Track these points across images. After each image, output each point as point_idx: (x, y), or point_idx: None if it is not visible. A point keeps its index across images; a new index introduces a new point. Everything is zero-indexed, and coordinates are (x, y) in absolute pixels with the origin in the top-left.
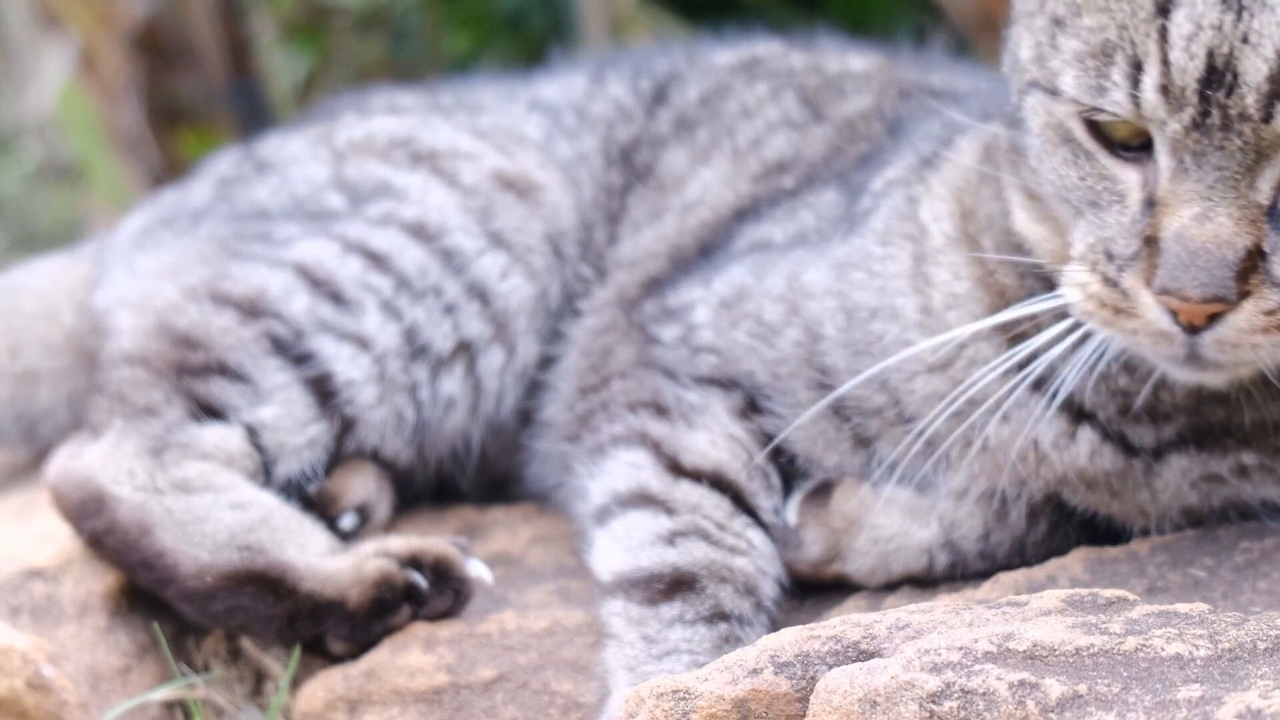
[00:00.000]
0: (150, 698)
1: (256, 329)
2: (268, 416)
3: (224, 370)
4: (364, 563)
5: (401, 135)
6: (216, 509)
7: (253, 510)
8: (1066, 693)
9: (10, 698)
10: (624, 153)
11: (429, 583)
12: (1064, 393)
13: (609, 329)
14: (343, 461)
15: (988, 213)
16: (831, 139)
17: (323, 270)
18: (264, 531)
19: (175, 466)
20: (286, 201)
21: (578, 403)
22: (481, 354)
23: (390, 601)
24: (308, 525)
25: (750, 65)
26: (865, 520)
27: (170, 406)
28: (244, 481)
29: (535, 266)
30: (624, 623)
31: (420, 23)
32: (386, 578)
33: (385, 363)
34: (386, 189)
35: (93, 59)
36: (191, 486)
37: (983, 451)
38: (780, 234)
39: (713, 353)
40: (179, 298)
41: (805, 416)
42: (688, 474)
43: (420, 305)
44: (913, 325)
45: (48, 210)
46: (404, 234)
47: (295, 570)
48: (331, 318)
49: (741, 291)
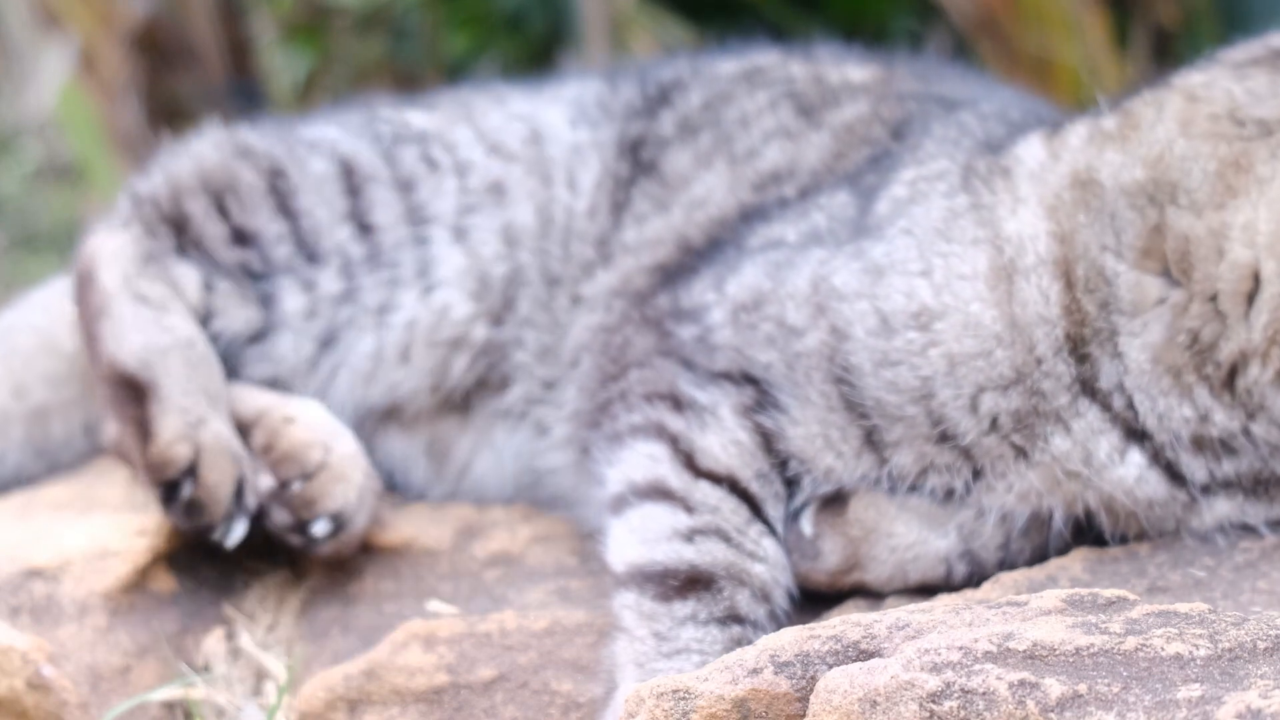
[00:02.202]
0: (150, 698)
1: (240, 255)
2: (222, 287)
3: (204, 250)
4: (200, 430)
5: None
6: (148, 324)
7: (169, 336)
8: (1066, 692)
9: (10, 698)
10: (633, 146)
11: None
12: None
13: (623, 323)
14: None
15: (1084, 241)
16: (831, 145)
17: (314, 235)
18: (159, 356)
19: (148, 280)
20: (332, 128)
21: (598, 391)
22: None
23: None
24: (205, 365)
25: (752, 75)
26: (883, 529)
27: (165, 238)
28: (184, 313)
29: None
30: (635, 617)
31: (420, 23)
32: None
33: (320, 302)
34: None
35: (93, 59)
36: (147, 300)
37: (1034, 467)
38: (793, 233)
39: (730, 348)
40: (192, 179)
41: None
42: (705, 475)
43: (372, 275)
44: (991, 337)
45: (48, 210)
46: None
47: (158, 396)
48: (300, 267)
49: (760, 295)
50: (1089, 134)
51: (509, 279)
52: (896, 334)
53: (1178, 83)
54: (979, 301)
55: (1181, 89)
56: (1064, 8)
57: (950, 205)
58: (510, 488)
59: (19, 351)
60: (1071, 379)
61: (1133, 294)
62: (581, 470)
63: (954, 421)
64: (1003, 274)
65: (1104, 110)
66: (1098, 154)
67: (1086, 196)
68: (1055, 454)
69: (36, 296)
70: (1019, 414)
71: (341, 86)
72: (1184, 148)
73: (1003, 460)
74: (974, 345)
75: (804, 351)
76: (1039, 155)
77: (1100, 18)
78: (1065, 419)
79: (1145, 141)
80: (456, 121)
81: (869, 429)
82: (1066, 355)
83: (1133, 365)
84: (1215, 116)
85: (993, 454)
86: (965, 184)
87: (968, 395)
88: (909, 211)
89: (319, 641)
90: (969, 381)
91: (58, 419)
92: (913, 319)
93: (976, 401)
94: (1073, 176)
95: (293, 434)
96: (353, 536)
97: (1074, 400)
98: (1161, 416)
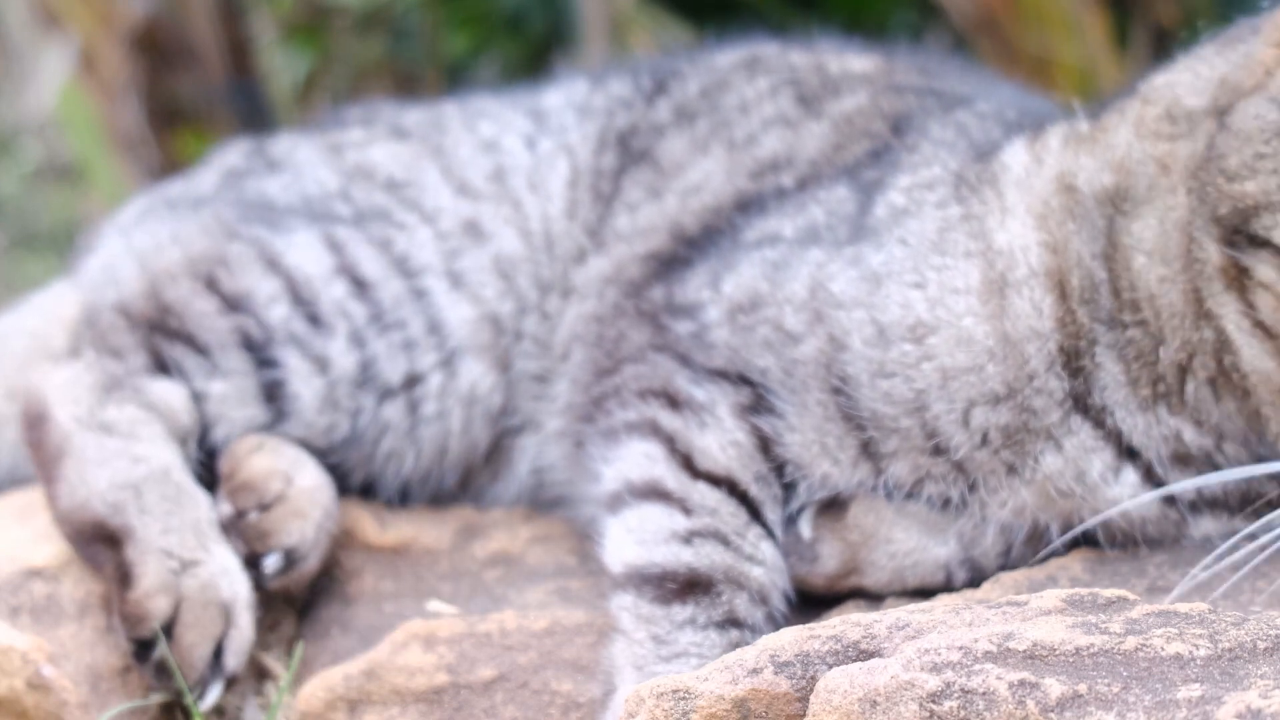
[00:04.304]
0: (150, 699)
1: (234, 322)
2: (216, 390)
3: (191, 342)
4: (184, 579)
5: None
6: (116, 456)
7: (142, 467)
8: (1066, 692)
9: (10, 698)
10: (621, 137)
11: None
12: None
13: (616, 315)
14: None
15: (1076, 250)
16: (830, 135)
17: (309, 289)
18: (130, 494)
19: (114, 406)
20: (295, 199)
21: (592, 385)
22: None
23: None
24: (187, 497)
25: (752, 63)
26: (881, 534)
27: (136, 354)
28: (162, 438)
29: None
30: (633, 620)
31: (420, 23)
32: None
33: (337, 386)
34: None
35: (93, 59)
36: (114, 430)
37: (1027, 484)
38: (790, 228)
39: (727, 348)
40: (176, 268)
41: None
42: (704, 476)
43: (384, 339)
44: (983, 352)
45: (48, 210)
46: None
47: (134, 540)
48: (304, 334)
49: (757, 297)
50: (1065, 138)
51: (515, 313)
52: (892, 346)
53: (1141, 85)
54: (971, 316)
55: (1142, 90)
56: (1064, 7)
57: (943, 216)
58: (523, 490)
59: (14, 355)
60: (1064, 394)
61: (1108, 303)
62: (577, 464)
63: (947, 435)
64: (995, 288)
65: (1079, 113)
66: (1074, 159)
67: (1071, 203)
68: (1047, 473)
69: (31, 301)
70: (1009, 429)
71: (341, 86)
72: (1137, 151)
73: (995, 475)
74: (966, 360)
75: (801, 360)
76: (1023, 161)
77: (1100, 18)
78: (1057, 436)
79: (1110, 145)
80: (424, 158)
81: (865, 440)
82: (1059, 369)
83: (1109, 380)
84: (1159, 116)
85: (985, 468)
86: (957, 194)
87: (960, 409)
88: (904, 222)
89: (319, 641)
90: (961, 396)
91: None
92: (908, 332)
93: (968, 416)
94: (1058, 182)
95: (255, 463)
96: (303, 575)
97: (1066, 417)
98: (1144, 433)
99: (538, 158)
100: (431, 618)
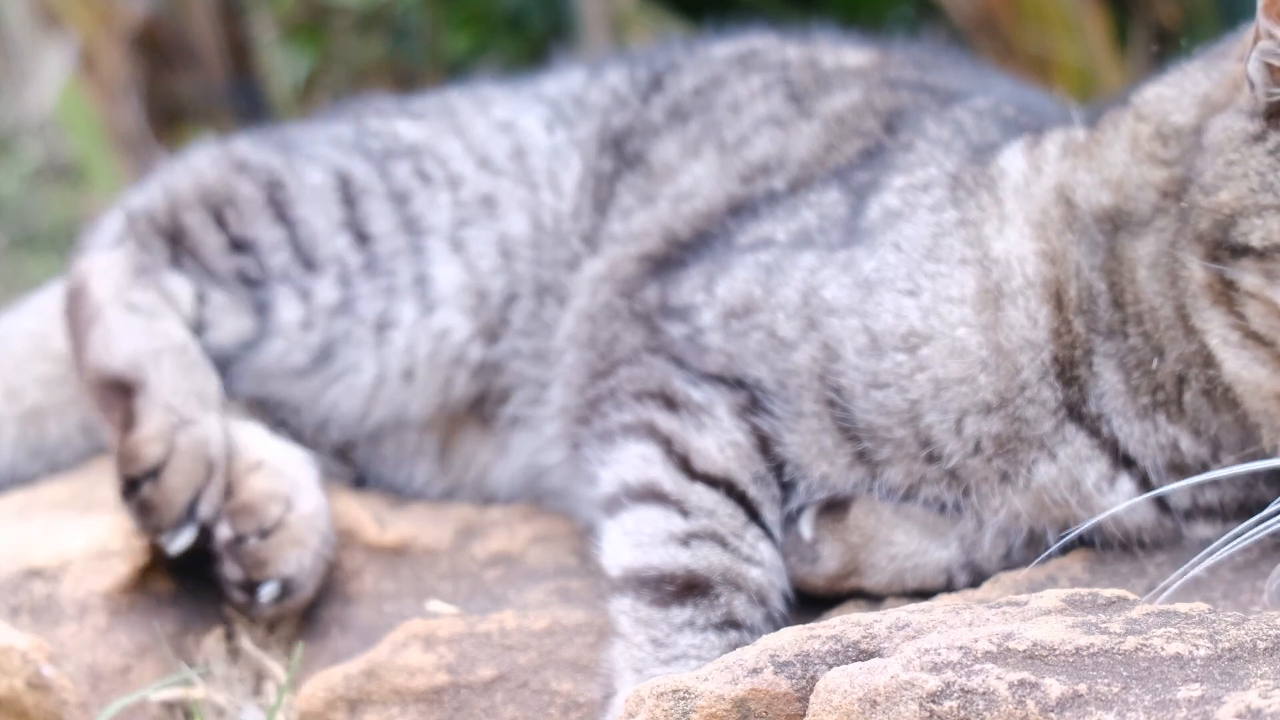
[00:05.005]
0: (151, 697)
1: (237, 262)
2: (216, 299)
3: (200, 262)
4: (180, 433)
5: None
6: (139, 330)
7: (161, 339)
8: (1066, 692)
9: (10, 697)
10: (616, 140)
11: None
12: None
13: (610, 316)
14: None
15: (1075, 261)
16: (821, 135)
17: (311, 242)
18: (149, 358)
19: (139, 291)
20: (322, 140)
21: (587, 388)
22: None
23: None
24: (199, 370)
25: (746, 58)
26: (882, 536)
27: (161, 252)
28: (178, 322)
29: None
30: (632, 623)
31: (420, 23)
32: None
33: (317, 313)
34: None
35: (93, 59)
36: (138, 309)
37: (1021, 492)
38: (782, 232)
39: (722, 354)
40: (189, 195)
41: (805, 426)
42: (701, 477)
43: (370, 283)
44: (976, 362)
45: (48, 210)
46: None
47: (145, 391)
48: (297, 275)
49: (750, 302)
50: (1064, 147)
51: (506, 294)
52: (885, 355)
53: (1133, 97)
54: (965, 326)
55: (1134, 103)
56: (1064, 7)
57: (938, 221)
58: (517, 487)
59: (13, 355)
60: (1057, 404)
61: (1107, 314)
62: (574, 466)
63: (940, 443)
64: (989, 297)
65: (1075, 119)
66: (1071, 172)
67: (1070, 215)
68: (1041, 481)
69: (31, 302)
70: (1001, 438)
71: (341, 86)
72: (1135, 176)
73: (987, 483)
74: (959, 370)
75: (794, 369)
76: (1021, 167)
77: (1100, 18)
78: (1050, 446)
79: (1107, 162)
80: (444, 133)
81: (860, 450)
82: (1053, 379)
83: (1107, 388)
84: (1151, 136)
85: (978, 475)
86: (953, 197)
87: (953, 418)
88: (898, 225)
89: (319, 641)
90: (954, 406)
91: (53, 420)
92: (901, 341)
93: (960, 425)
94: (1056, 191)
95: (255, 483)
96: (297, 604)
97: (1059, 426)
98: (1141, 441)
99: (555, 144)
100: (431, 618)
